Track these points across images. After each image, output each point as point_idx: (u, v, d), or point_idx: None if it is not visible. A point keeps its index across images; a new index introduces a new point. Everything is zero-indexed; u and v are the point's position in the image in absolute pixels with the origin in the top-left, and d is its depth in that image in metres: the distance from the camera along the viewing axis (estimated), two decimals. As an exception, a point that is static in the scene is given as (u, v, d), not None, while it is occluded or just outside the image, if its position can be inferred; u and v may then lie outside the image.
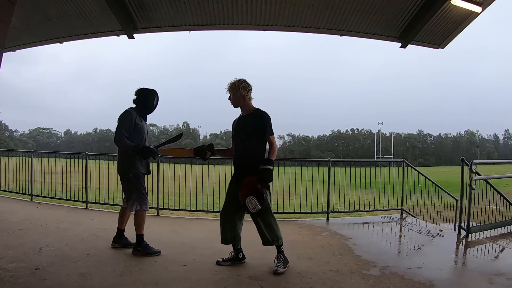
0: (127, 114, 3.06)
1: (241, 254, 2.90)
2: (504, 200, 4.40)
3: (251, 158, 2.73)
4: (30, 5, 4.35)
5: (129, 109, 3.12)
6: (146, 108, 3.18)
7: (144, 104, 3.15)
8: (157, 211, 4.93)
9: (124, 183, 3.11)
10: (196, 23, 4.77)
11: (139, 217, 3.07)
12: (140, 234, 3.05)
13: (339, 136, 72.42)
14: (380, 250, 3.43)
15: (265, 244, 2.80)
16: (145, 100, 3.15)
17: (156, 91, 3.20)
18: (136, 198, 3.06)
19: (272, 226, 2.77)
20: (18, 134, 69.04)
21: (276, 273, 2.65)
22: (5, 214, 4.46)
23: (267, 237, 2.77)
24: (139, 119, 3.12)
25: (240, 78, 2.81)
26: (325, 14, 4.52)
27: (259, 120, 2.76)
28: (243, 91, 2.76)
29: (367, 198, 6.02)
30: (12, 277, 2.39)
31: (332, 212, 5.10)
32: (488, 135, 75.80)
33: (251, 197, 2.60)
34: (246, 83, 2.79)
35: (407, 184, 5.33)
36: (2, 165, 6.27)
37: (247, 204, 2.61)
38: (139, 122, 3.10)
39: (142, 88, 3.18)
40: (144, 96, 3.15)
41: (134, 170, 3.04)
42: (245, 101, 2.80)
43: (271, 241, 2.77)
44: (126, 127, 3.00)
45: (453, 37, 4.87)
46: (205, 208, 5.28)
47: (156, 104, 3.24)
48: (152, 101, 3.18)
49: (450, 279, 2.68)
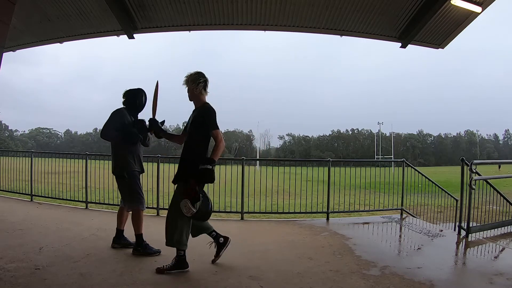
0: (116, 112, 3.11)
1: (220, 237, 2.85)
2: (504, 200, 4.40)
3: (190, 153, 2.70)
4: (30, 5, 4.35)
5: (119, 108, 3.18)
6: (136, 108, 3.23)
7: (133, 104, 3.21)
8: (157, 211, 4.93)
9: (120, 182, 3.13)
10: (196, 23, 4.77)
11: (136, 217, 3.09)
12: (139, 234, 3.06)
13: (339, 136, 72.40)
14: (380, 250, 3.44)
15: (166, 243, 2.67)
16: (133, 100, 3.21)
17: (143, 90, 3.27)
18: (132, 197, 3.08)
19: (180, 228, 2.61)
20: (18, 134, 69.01)
21: (158, 270, 2.57)
22: (5, 214, 4.46)
23: (171, 237, 2.62)
24: (131, 117, 3.17)
25: (197, 71, 2.76)
26: (325, 14, 4.52)
27: (202, 113, 2.69)
28: (193, 84, 2.73)
29: (367, 198, 6.02)
30: (12, 277, 2.38)
31: (332, 212, 5.10)
32: (488, 135, 75.80)
33: (185, 200, 2.49)
34: (197, 76, 2.73)
35: (407, 184, 5.33)
36: (2, 165, 6.27)
37: (181, 207, 2.50)
38: (130, 121, 3.14)
39: (129, 90, 3.25)
40: (132, 96, 3.22)
41: (128, 169, 3.07)
42: (193, 93, 2.75)
43: (173, 242, 2.62)
44: (113, 124, 3.04)
45: (453, 37, 4.87)
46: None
47: (145, 102, 3.27)
48: (140, 100, 3.24)
49: (450, 279, 2.68)
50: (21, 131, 70.34)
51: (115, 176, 3.14)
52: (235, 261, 2.94)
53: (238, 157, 4.78)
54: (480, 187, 4.09)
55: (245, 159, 5.01)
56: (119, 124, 3.06)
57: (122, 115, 3.11)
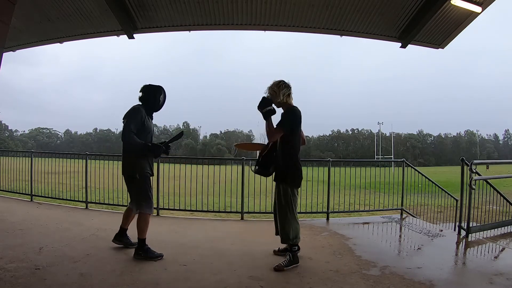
0: (137, 111, 2.92)
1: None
2: (504, 200, 4.40)
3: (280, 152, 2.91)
4: (30, 5, 4.34)
5: (138, 106, 2.98)
6: (154, 106, 3.05)
7: (151, 101, 3.02)
8: (157, 211, 4.93)
9: (130, 184, 2.99)
10: (196, 23, 4.77)
11: (142, 220, 2.96)
12: (142, 238, 2.95)
13: (339, 136, 72.45)
14: (380, 250, 3.43)
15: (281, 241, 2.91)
16: (153, 97, 3.01)
17: (163, 88, 3.08)
18: (142, 200, 2.96)
19: (286, 225, 2.83)
20: (18, 134, 69.07)
21: (276, 268, 2.69)
22: (5, 214, 4.46)
23: (287, 235, 2.84)
24: (147, 117, 3.00)
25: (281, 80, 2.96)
26: (325, 14, 4.52)
27: (284, 113, 2.94)
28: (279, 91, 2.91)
29: (367, 198, 6.02)
30: (12, 277, 2.39)
31: (332, 212, 5.10)
32: (488, 135, 75.92)
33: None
34: (283, 83, 2.93)
35: (407, 184, 5.33)
36: (2, 165, 6.27)
37: None
38: (147, 120, 2.98)
39: (148, 85, 3.04)
40: (151, 93, 3.01)
41: (142, 170, 2.93)
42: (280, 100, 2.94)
43: (290, 239, 2.84)
44: (135, 124, 2.85)
45: (453, 37, 4.86)
46: (205, 208, 5.28)
47: (164, 101, 3.10)
48: (159, 98, 3.05)
49: (450, 279, 2.68)
50: (21, 131, 70.50)
51: (126, 176, 2.98)
52: (235, 261, 2.93)
53: (238, 157, 4.80)
54: (480, 187, 4.08)
55: (245, 159, 5.00)
56: (140, 125, 2.89)
57: (139, 114, 2.91)
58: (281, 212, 2.85)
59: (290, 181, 2.87)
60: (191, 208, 5.25)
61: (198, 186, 5.41)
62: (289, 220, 2.82)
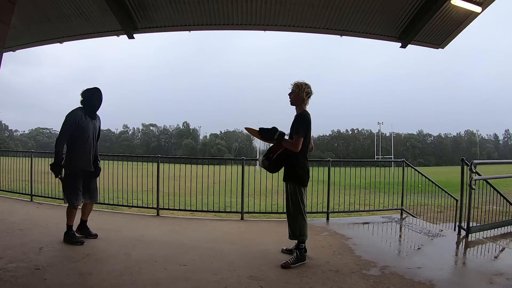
0: (70, 114, 3.28)
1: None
2: (504, 200, 4.40)
3: (290, 154, 2.98)
4: (30, 5, 4.34)
5: (76, 109, 3.34)
6: (91, 107, 3.40)
7: (89, 103, 3.38)
8: (157, 211, 4.93)
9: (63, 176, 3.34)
10: (196, 23, 4.77)
11: (67, 210, 3.33)
12: (68, 224, 3.32)
13: (339, 136, 72.43)
14: (380, 250, 3.43)
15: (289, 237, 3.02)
16: (90, 99, 3.38)
17: (99, 89, 3.43)
18: (66, 193, 3.33)
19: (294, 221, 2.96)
20: (18, 134, 69.09)
21: (283, 265, 2.78)
22: (5, 214, 4.46)
23: (294, 232, 2.96)
24: (85, 117, 3.33)
25: (306, 82, 3.05)
26: (325, 14, 4.52)
27: (297, 118, 3.02)
28: (299, 91, 3.01)
29: (367, 198, 6.02)
30: (12, 277, 2.39)
31: (332, 212, 5.10)
32: (488, 135, 75.89)
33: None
34: (305, 85, 3.02)
35: (407, 184, 5.32)
36: (2, 165, 6.27)
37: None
38: (84, 120, 3.31)
39: (86, 89, 3.42)
40: (88, 95, 3.38)
41: (71, 166, 3.30)
42: (297, 99, 3.05)
43: (292, 235, 2.98)
44: (67, 127, 3.24)
45: (453, 37, 4.86)
46: (205, 208, 5.28)
47: (101, 101, 3.46)
48: (96, 99, 3.41)
49: (450, 279, 2.68)
50: (21, 131, 70.52)
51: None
52: (235, 261, 2.93)
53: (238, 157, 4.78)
54: (480, 187, 4.09)
55: (245, 159, 5.00)
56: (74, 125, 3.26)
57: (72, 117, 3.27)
58: (289, 209, 3.00)
59: (297, 180, 3.00)
60: (191, 208, 5.25)
61: (198, 186, 5.41)
62: (297, 217, 2.94)
